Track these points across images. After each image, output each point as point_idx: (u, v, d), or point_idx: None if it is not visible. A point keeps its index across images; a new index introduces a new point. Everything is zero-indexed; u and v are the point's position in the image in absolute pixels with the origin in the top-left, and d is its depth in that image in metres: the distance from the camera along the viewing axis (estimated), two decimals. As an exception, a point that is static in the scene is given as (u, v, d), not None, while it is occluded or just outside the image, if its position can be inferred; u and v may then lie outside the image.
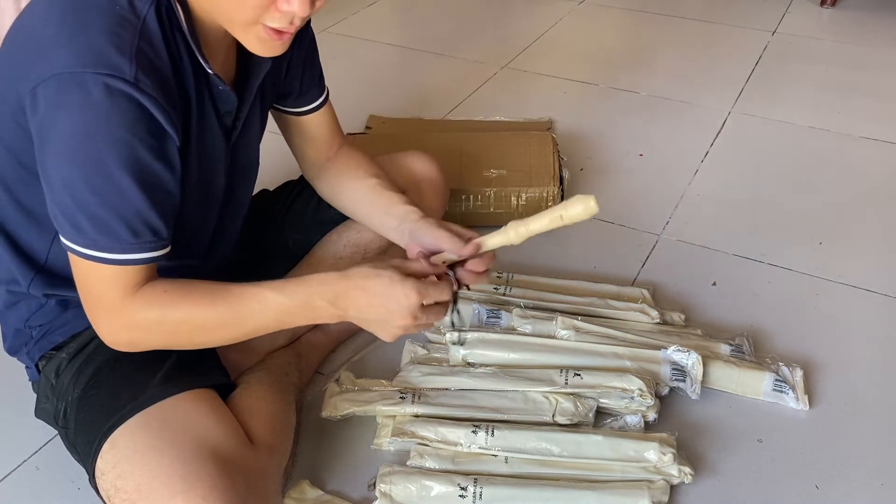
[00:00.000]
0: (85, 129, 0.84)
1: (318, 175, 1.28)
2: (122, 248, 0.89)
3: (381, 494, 1.10)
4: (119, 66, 0.83)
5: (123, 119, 0.85)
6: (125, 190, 0.87)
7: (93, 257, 0.89)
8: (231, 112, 1.04)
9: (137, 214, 0.89)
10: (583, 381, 1.23)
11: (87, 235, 0.88)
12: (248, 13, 0.89)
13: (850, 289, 1.53)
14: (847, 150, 2.00)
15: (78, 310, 1.08)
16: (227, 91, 1.00)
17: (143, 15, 0.87)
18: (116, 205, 0.88)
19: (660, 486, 1.11)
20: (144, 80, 0.85)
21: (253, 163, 1.20)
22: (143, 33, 0.87)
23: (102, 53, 0.83)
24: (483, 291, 1.45)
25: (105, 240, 0.89)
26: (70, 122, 0.84)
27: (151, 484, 0.91)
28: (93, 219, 0.87)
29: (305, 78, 1.19)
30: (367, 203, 1.22)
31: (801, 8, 2.81)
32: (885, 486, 1.16)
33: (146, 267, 0.93)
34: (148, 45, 0.87)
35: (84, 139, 0.85)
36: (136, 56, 0.85)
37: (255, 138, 1.17)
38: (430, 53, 2.50)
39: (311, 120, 1.23)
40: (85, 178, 0.86)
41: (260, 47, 0.93)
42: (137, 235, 0.90)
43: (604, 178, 1.88)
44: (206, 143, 1.02)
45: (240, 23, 0.91)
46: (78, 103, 0.83)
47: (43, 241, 1.03)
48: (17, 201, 1.01)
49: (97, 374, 1.04)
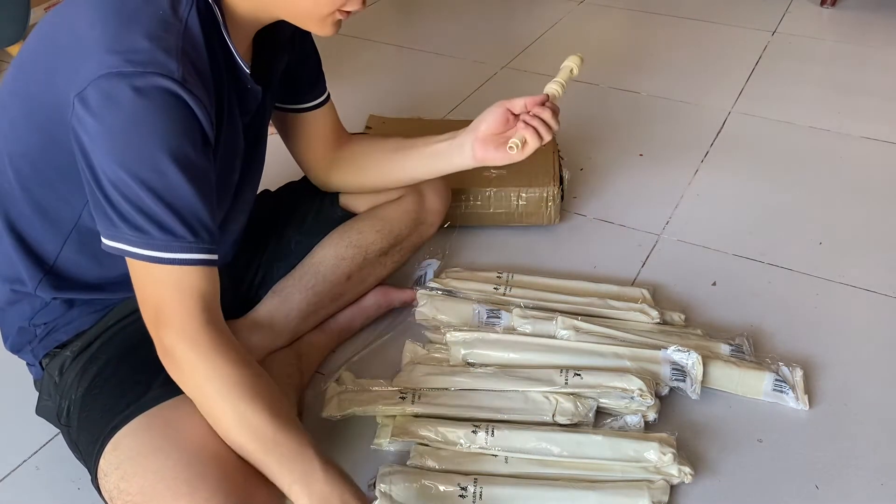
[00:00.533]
0: (137, 129, 0.85)
1: (329, 168, 1.30)
2: (182, 248, 0.89)
3: (381, 494, 1.10)
4: (168, 66, 0.85)
5: (175, 117, 0.86)
6: (179, 188, 0.88)
7: (153, 258, 0.88)
8: (252, 110, 1.05)
9: (192, 212, 0.89)
10: (583, 381, 1.23)
11: (152, 236, 0.87)
12: (329, 7, 0.94)
13: (850, 289, 1.53)
14: (847, 150, 1.99)
15: (83, 308, 1.09)
16: (256, 89, 1.02)
17: (184, 18, 0.89)
18: (174, 203, 0.88)
19: (660, 486, 1.11)
20: (190, 80, 0.87)
21: (262, 159, 1.21)
22: (185, 35, 0.88)
23: (151, 54, 0.85)
24: (483, 291, 1.45)
25: (165, 239, 0.88)
26: (121, 122, 0.85)
27: (155, 487, 0.90)
28: (152, 219, 0.87)
29: (311, 75, 1.22)
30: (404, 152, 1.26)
31: (801, 8, 2.81)
32: (884, 486, 1.16)
33: (210, 278, 0.92)
34: (191, 46, 0.89)
35: (137, 138, 0.85)
36: (181, 57, 0.86)
37: (265, 138, 1.18)
38: (430, 53, 2.50)
39: (317, 116, 1.26)
40: (141, 178, 0.86)
41: (332, 30, 0.99)
42: (196, 234, 0.90)
43: (604, 178, 1.88)
44: (230, 141, 1.03)
45: (318, 16, 0.96)
46: (130, 102, 0.84)
47: (55, 243, 1.03)
48: (35, 201, 1.01)
49: (101, 372, 1.04)
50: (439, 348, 1.35)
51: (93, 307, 1.09)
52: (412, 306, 1.42)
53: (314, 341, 1.33)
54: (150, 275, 0.91)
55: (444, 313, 1.39)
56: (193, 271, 0.91)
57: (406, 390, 1.24)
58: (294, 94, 1.22)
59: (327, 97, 1.27)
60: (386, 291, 1.42)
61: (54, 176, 0.97)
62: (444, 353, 1.33)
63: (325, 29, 0.98)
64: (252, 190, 1.22)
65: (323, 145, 1.29)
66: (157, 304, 0.92)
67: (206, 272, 0.92)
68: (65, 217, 1.00)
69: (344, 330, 1.38)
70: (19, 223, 1.03)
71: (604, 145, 2.01)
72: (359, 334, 1.41)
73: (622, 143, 2.02)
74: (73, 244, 1.03)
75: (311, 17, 0.96)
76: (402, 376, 1.29)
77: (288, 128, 1.27)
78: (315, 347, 1.33)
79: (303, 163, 1.32)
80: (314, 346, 1.33)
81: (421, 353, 1.35)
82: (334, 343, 1.37)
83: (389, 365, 1.34)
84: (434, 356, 1.34)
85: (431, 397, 1.23)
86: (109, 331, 1.08)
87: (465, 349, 1.30)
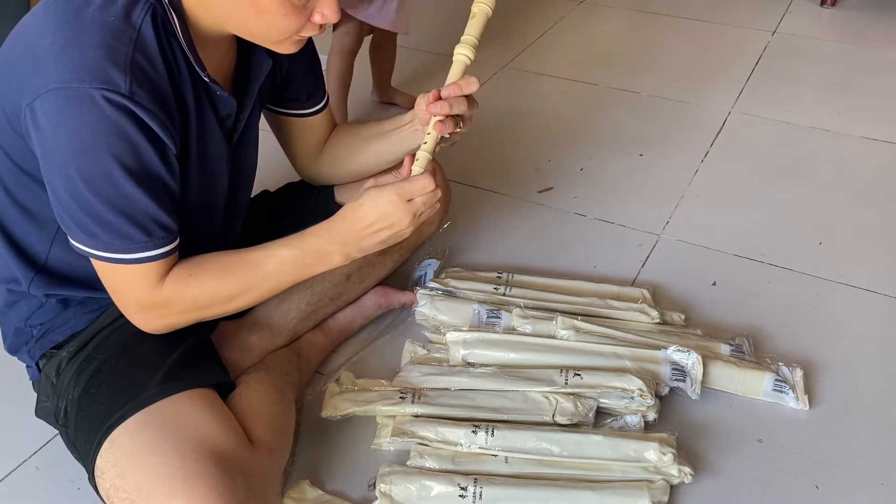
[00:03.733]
0: (86, 143, 0.86)
1: (316, 160, 1.31)
2: (138, 248, 0.93)
3: (381, 494, 1.10)
4: (114, 80, 0.85)
5: (122, 130, 0.87)
6: (132, 196, 0.90)
7: (111, 259, 0.93)
8: (231, 115, 1.05)
9: (147, 215, 0.92)
10: (583, 381, 1.23)
11: (102, 240, 0.92)
12: (281, 35, 0.94)
13: (850, 289, 1.53)
14: (847, 150, 2.00)
15: (78, 308, 1.09)
16: (225, 96, 1.01)
17: (138, 25, 0.88)
18: (126, 210, 0.91)
19: (660, 486, 1.11)
20: (139, 93, 0.86)
21: (253, 165, 1.21)
22: (137, 44, 0.88)
23: (97, 67, 0.84)
24: (483, 291, 1.45)
25: (120, 242, 0.92)
26: (70, 137, 0.86)
27: (151, 483, 0.91)
28: (105, 225, 0.91)
29: (311, 84, 1.22)
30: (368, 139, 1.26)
31: (801, 8, 2.81)
32: (885, 486, 1.16)
33: (168, 261, 0.97)
34: (143, 55, 0.88)
35: (86, 152, 0.87)
36: (130, 68, 0.86)
37: (255, 141, 1.17)
38: (430, 53, 2.50)
39: (316, 120, 1.26)
40: (92, 189, 0.88)
41: (292, 48, 0.99)
42: (150, 234, 0.93)
43: (604, 178, 1.88)
44: (207, 147, 1.03)
45: (274, 41, 0.96)
46: (76, 118, 0.85)
47: (43, 242, 1.04)
48: (17, 202, 1.02)
49: (98, 372, 1.04)
50: (439, 348, 1.35)
51: (88, 307, 1.10)
52: (412, 307, 1.42)
53: (314, 341, 1.33)
54: (111, 270, 0.96)
55: (444, 313, 1.39)
56: (149, 265, 0.95)
57: (406, 390, 1.24)
58: (291, 101, 1.22)
59: (325, 103, 1.27)
60: (386, 292, 1.42)
61: (29, 180, 0.98)
62: (444, 353, 1.33)
63: (283, 48, 0.98)
64: (245, 192, 1.22)
65: (316, 144, 1.29)
66: (119, 293, 0.99)
67: (164, 260, 0.97)
68: (49, 218, 1.01)
69: (344, 330, 1.38)
70: (10, 225, 1.04)
71: (604, 145, 2.01)
72: (359, 334, 1.41)
73: (622, 143, 2.02)
74: (61, 243, 1.03)
75: (268, 41, 0.96)
76: (402, 376, 1.29)
77: (282, 127, 1.28)
78: (315, 347, 1.33)
79: (292, 157, 1.33)
80: (314, 346, 1.33)
81: (421, 353, 1.35)
82: (334, 343, 1.37)
83: (389, 365, 1.34)
84: (434, 356, 1.34)
85: (431, 397, 1.23)
86: (105, 331, 1.08)
87: (465, 349, 1.30)
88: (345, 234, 1.02)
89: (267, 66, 1.06)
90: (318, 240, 1.03)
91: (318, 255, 1.03)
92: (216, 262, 1.02)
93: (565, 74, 2.37)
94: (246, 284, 1.02)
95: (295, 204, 1.37)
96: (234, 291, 1.02)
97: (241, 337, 1.22)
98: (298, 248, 1.03)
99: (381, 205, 1.00)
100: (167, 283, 0.98)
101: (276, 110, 1.24)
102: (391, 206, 1.00)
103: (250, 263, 1.02)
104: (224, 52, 1.03)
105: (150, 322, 1.02)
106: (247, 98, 1.07)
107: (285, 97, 1.21)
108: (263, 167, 1.26)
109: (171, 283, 0.98)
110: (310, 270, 1.05)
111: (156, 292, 0.98)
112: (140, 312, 1.00)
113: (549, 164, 1.93)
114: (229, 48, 1.04)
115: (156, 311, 1.00)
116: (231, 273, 1.01)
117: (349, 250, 1.04)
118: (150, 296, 0.98)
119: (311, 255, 1.03)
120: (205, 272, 1.00)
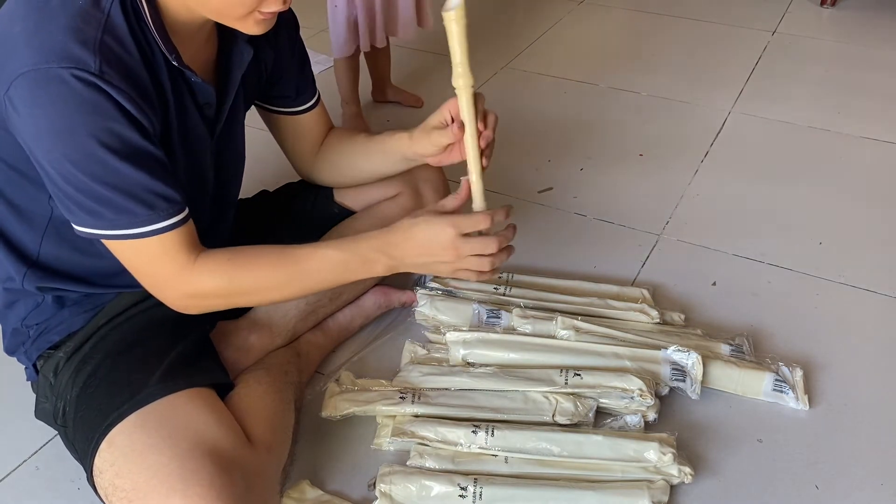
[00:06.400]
0: (64, 124, 0.86)
1: (315, 163, 1.31)
2: (143, 222, 0.92)
3: (381, 494, 1.10)
4: (83, 60, 0.85)
5: (97, 108, 0.86)
6: (121, 171, 0.89)
7: (120, 236, 0.93)
8: (211, 104, 1.05)
9: (143, 188, 0.91)
10: (583, 381, 1.23)
11: (106, 218, 0.91)
12: (242, 9, 0.93)
13: (850, 289, 1.53)
14: (847, 150, 2.00)
15: (74, 308, 1.09)
16: (200, 83, 1.01)
17: (106, 9, 0.89)
18: (120, 185, 0.90)
19: (660, 486, 1.11)
20: (109, 72, 0.86)
21: (239, 156, 1.21)
22: (107, 27, 0.88)
23: (65, 48, 0.85)
24: (483, 291, 1.45)
25: (125, 218, 0.92)
26: (47, 118, 0.86)
27: (149, 482, 0.91)
28: (105, 202, 0.90)
29: (299, 82, 1.22)
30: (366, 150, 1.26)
31: (801, 8, 2.81)
32: (885, 486, 1.16)
33: (181, 232, 0.96)
34: (112, 38, 0.88)
35: (67, 133, 0.86)
36: (100, 49, 0.86)
37: (239, 132, 1.18)
38: (430, 53, 2.50)
39: (307, 118, 1.26)
40: (81, 169, 0.88)
41: (256, 28, 0.97)
42: (152, 207, 0.93)
43: (604, 178, 1.88)
44: (188, 134, 1.03)
45: (235, 17, 0.94)
46: (49, 98, 0.85)
47: (33, 239, 1.05)
48: (7, 200, 1.02)
49: (95, 372, 1.04)
50: (439, 348, 1.35)
51: (83, 307, 1.10)
52: (412, 307, 1.42)
53: (313, 341, 1.33)
54: (127, 250, 0.95)
55: (444, 313, 1.39)
56: (163, 238, 0.94)
57: (406, 390, 1.24)
58: (280, 98, 1.23)
59: (317, 101, 1.27)
60: (386, 291, 1.42)
61: (17, 175, 0.98)
62: (444, 353, 1.33)
63: (248, 27, 0.97)
64: (234, 188, 1.23)
65: (310, 144, 1.29)
66: (143, 273, 0.99)
67: (177, 231, 0.96)
68: (38, 213, 1.02)
69: (343, 330, 1.38)
70: (1, 222, 1.04)
71: (604, 145, 2.01)
72: (359, 334, 1.41)
73: (622, 143, 2.02)
74: (52, 238, 1.03)
75: (228, 16, 0.95)
76: (402, 376, 1.29)
77: (276, 126, 1.28)
78: (314, 347, 1.33)
79: (290, 156, 1.33)
80: (313, 346, 1.33)
81: (421, 353, 1.35)
82: (334, 343, 1.37)
83: (389, 365, 1.34)
84: (434, 356, 1.34)
85: (431, 397, 1.23)
86: (101, 330, 1.08)
87: (464, 349, 1.30)
88: (394, 247, 1.03)
89: (248, 54, 1.07)
90: (367, 246, 1.03)
91: (363, 261, 1.04)
92: (262, 254, 1.03)
93: (565, 74, 2.37)
94: (287, 279, 1.03)
95: (295, 204, 1.37)
96: (273, 284, 1.03)
97: (241, 336, 1.22)
98: (347, 251, 1.03)
99: (434, 229, 1.01)
100: (201, 263, 0.98)
101: (266, 107, 1.25)
102: (442, 234, 1.01)
103: (296, 259, 1.02)
104: (203, 42, 1.03)
105: (179, 300, 1.01)
106: (229, 87, 1.07)
107: (273, 94, 1.22)
108: (263, 167, 1.26)
109: (206, 264, 0.98)
110: (352, 275, 1.05)
111: (185, 270, 0.97)
112: (167, 290, 1.00)
113: (548, 164, 1.93)
114: (209, 39, 1.04)
115: (186, 289, 0.99)
116: (274, 265, 1.02)
117: (395, 263, 1.04)
118: (179, 273, 0.97)
119: (356, 260, 1.03)
120: (248, 260, 1.01)
